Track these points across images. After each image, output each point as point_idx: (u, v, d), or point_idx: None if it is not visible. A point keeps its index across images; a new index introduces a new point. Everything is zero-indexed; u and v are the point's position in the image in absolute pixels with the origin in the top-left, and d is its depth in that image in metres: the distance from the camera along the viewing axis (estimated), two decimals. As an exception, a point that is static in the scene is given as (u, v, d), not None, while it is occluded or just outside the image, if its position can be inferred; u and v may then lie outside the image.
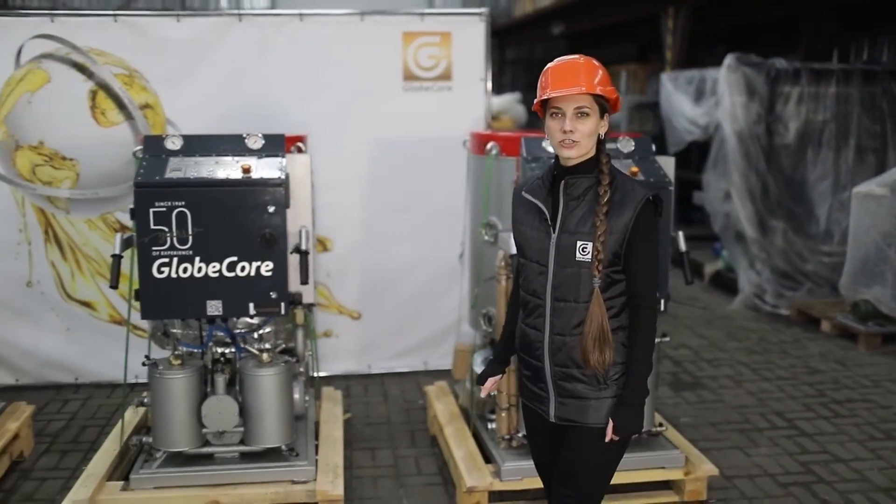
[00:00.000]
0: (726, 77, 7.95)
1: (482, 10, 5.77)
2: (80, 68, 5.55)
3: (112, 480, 4.08)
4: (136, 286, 3.96)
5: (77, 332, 5.84)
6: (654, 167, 3.94)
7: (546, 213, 2.73)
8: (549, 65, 2.74)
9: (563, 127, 2.62)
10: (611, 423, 2.72)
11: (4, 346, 5.69)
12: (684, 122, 8.91)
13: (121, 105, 5.59)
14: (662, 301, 3.95)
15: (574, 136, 2.62)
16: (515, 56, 20.06)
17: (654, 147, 4.13)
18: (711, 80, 8.42)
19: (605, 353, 2.66)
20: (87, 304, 5.83)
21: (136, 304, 3.97)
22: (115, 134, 5.60)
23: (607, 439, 2.73)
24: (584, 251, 2.65)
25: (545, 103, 2.70)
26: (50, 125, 5.57)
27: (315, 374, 4.96)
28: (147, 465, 4.04)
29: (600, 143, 2.72)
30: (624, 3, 11.76)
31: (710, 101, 8.39)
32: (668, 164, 4.04)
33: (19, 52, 5.52)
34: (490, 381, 3.06)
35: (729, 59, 7.95)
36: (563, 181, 2.71)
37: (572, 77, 2.64)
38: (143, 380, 4.65)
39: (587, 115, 2.63)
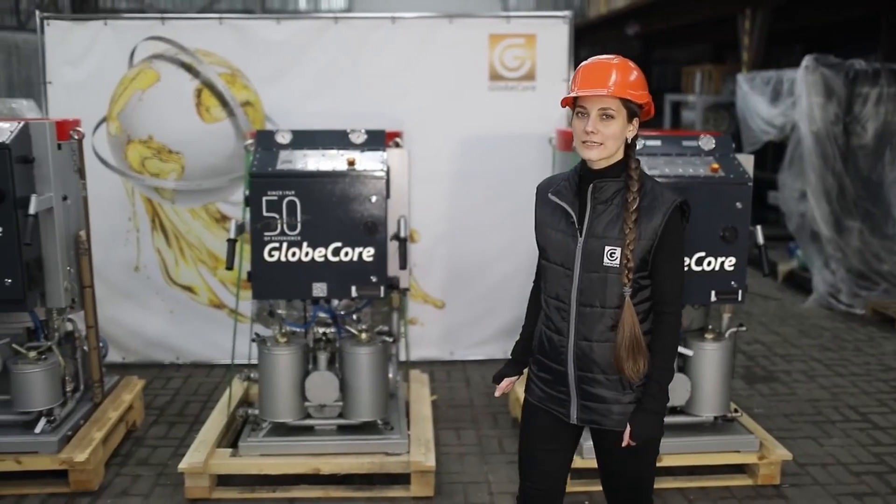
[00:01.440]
0: (804, 78, 8.02)
1: (566, 12, 6.00)
2: (187, 68, 5.95)
3: (221, 447, 4.44)
4: (232, 275, 4.27)
5: (179, 314, 6.24)
6: (733, 164, 4.13)
7: (573, 216, 2.69)
8: (583, 62, 2.71)
9: (586, 127, 2.59)
10: (628, 428, 2.70)
11: (113, 326, 6.11)
12: (760, 123, 8.99)
13: (224, 102, 5.97)
14: (740, 292, 4.13)
15: (596, 138, 2.57)
16: (588, 56, 20.13)
17: (734, 145, 4.31)
18: (788, 80, 8.49)
19: (640, 361, 2.64)
20: (188, 289, 6.23)
21: (234, 290, 4.30)
22: (217, 129, 5.98)
23: (624, 444, 2.72)
24: (612, 256, 2.62)
25: (575, 100, 2.65)
26: (158, 121, 5.97)
27: (406, 358, 5.26)
28: (254, 434, 4.38)
29: (629, 147, 2.67)
30: (699, 3, 11.83)
31: (787, 101, 8.46)
32: (747, 161, 4.22)
33: (132, 53, 5.94)
34: (506, 381, 3.05)
35: (807, 60, 8.02)
36: (591, 185, 2.68)
37: (601, 78, 2.59)
38: (242, 361, 5.04)
39: (612, 117, 2.58)
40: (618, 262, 2.61)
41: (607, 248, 2.62)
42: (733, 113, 10.36)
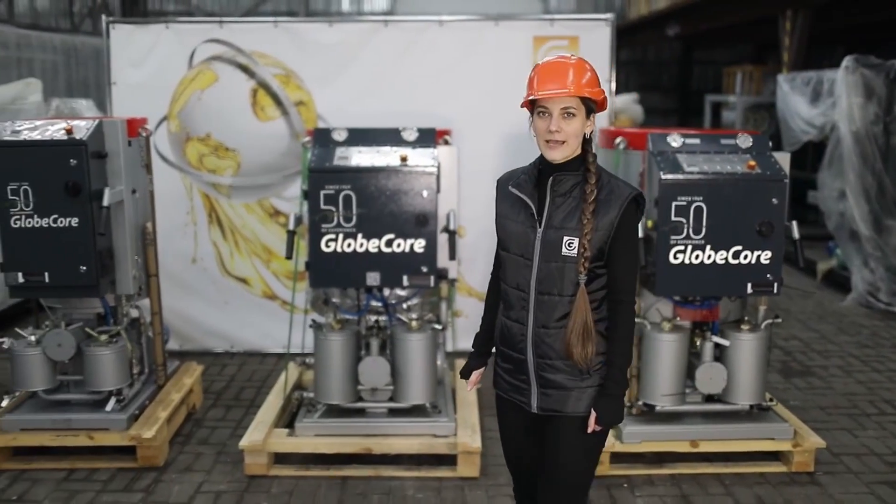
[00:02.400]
0: (844, 78, 8.10)
1: (608, 15, 6.18)
2: (244, 69, 6.23)
3: (278, 428, 4.69)
4: (285, 268, 4.53)
5: (233, 305, 6.53)
6: (770, 161, 4.28)
7: (533, 207, 2.77)
8: (538, 63, 2.78)
9: (550, 126, 2.66)
10: (593, 414, 2.79)
11: (171, 315, 6.39)
12: (800, 123, 9.08)
13: (278, 102, 6.24)
14: (775, 285, 4.29)
15: (559, 136, 2.65)
16: (629, 57, 20.24)
17: (771, 143, 4.46)
18: (829, 81, 8.57)
19: (588, 346, 2.72)
20: (243, 281, 6.52)
21: (286, 282, 4.56)
22: (272, 128, 6.26)
23: (590, 430, 2.80)
24: (570, 246, 2.70)
25: (533, 102, 2.73)
26: (216, 119, 6.27)
27: (453, 348, 5.48)
28: (309, 415, 4.63)
29: (587, 141, 2.76)
30: (740, 4, 11.89)
31: (827, 102, 8.54)
32: (783, 159, 4.37)
33: (192, 55, 6.24)
34: (475, 375, 3.14)
35: (847, 61, 8.11)
36: (550, 178, 2.76)
37: (559, 78, 2.66)
38: (294, 350, 5.30)
39: (573, 115, 2.66)
40: (575, 251, 2.70)
41: (565, 238, 2.71)
42: (774, 113, 10.45)
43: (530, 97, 2.70)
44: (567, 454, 2.88)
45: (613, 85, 6.15)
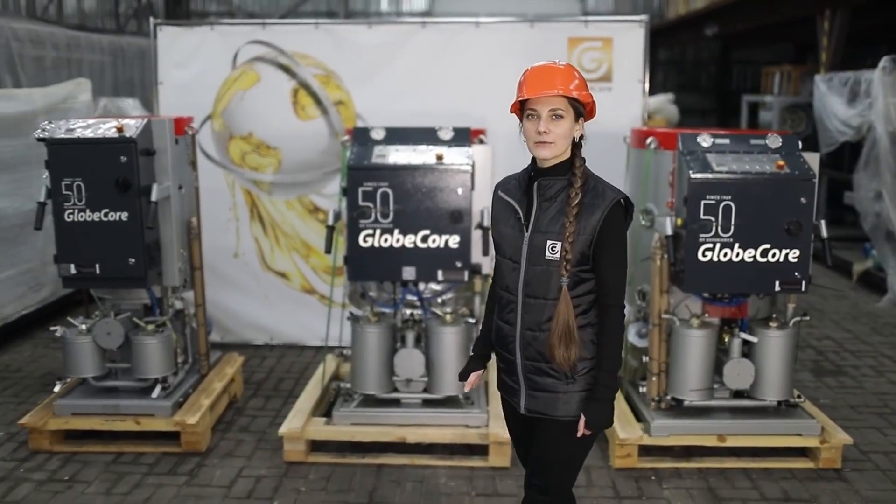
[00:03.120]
0: (881, 79, 8.09)
1: (642, 17, 6.27)
2: (285, 69, 6.41)
3: (316, 416, 4.86)
4: (324, 263, 4.69)
5: (273, 299, 6.71)
6: (798, 161, 4.36)
7: (520, 212, 2.83)
8: (527, 68, 2.83)
9: (538, 128, 2.71)
10: (582, 418, 2.81)
11: (213, 308, 6.58)
12: (837, 123, 9.07)
13: (318, 101, 6.41)
14: (803, 283, 4.36)
15: (548, 137, 2.69)
16: (667, 57, 20.22)
17: (800, 144, 4.52)
18: (866, 81, 8.55)
19: (571, 349, 2.73)
20: (282, 275, 6.70)
21: (325, 277, 4.71)
22: (312, 126, 6.43)
23: (579, 434, 2.81)
24: (553, 250, 2.73)
25: (522, 105, 2.78)
26: (258, 118, 6.46)
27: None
28: (345, 405, 4.79)
29: (575, 146, 2.80)
30: (778, 4, 11.87)
31: (864, 102, 8.53)
32: (813, 159, 4.43)
33: (235, 56, 6.43)
34: (473, 376, 3.16)
35: (884, 62, 8.09)
36: (537, 182, 2.81)
37: (548, 80, 2.72)
38: (332, 343, 5.46)
39: (562, 117, 2.71)
40: (558, 255, 2.72)
41: (549, 242, 2.74)
42: (811, 114, 10.43)
43: (520, 99, 2.75)
44: (553, 456, 2.92)
45: (647, 85, 6.23)
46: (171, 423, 4.76)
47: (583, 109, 2.78)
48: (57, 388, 4.94)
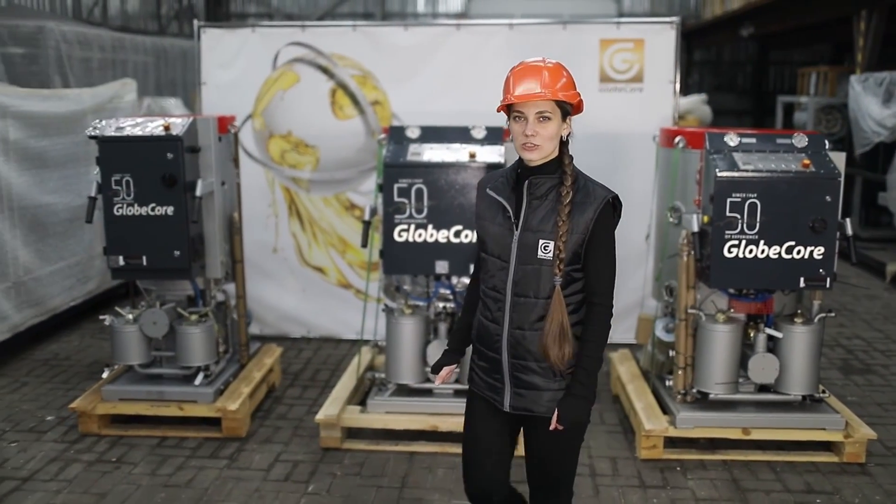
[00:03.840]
0: (916, 79, 8.11)
1: (673, 18, 6.37)
2: (324, 70, 6.60)
3: (351, 405, 5.03)
4: (359, 258, 4.86)
5: (310, 293, 6.91)
6: (824, 160, 4.44)
7: (510, 210, 2.80)
8: (512, 68, 2.81)
9: (526, 130, 2.69)
10: (556, 413, 2.80)
11: (252, 302, 6.78)
12: (872, 124, 9.08)
13: (355, 101, 6.59)
14: (828, 279, 4.44)
15: (535, 140, 2.68)
16: (703, 57, 20.17)
17: (827, 143, 4.61)
18: (901, 82, 8.57)
19: (565, 348, 2.74)
20: (319, 270, 6.89)
21: (361, 272, 4.88)
22: (349, 126, 6.62)
23: (551, 427, 2.81)
24: (545, 249, 2.72)
25: (509, 106, 2.75)
26: (297, 118, 6.66)
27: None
28: (380, 394, 4.96)
29: (563, 144, 2.78)
30: (813, 4, 11.85)
31: (899, 103, 8.54)
32: (839, 158, 4.51)
33: (276, 57, 6.64)
34: (445, 370, 3.17)
35: (919, 62, 8.11)
36: (527, 181, 2.79)
37: (534, 82, 2.70)
38: (367, 336, 5.63)
39: (549, 118, 2.69)
40: (551, 254, 2.72)
41: (541, 241, 2.73)
42: (846, 114, 10.42)
43: (506, 102, 2.73)
44: (547, 452, 2.95)
45: (677, 85, 6.33)
46: (213, 409, 4.96)
47: (570, 108, 2.77)
48: (105, 375, 5.17)
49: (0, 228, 6.03)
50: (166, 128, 4.77)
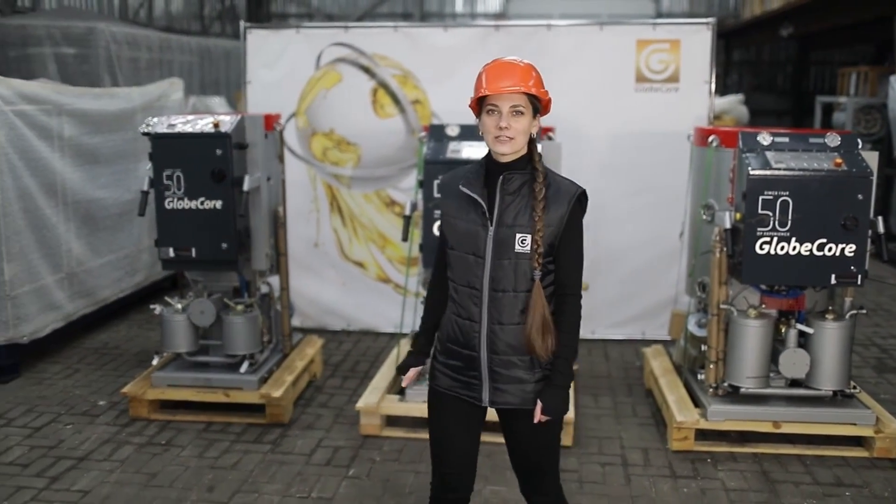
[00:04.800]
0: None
1: (709, 19, 6.45)
2: (365, 70, 6.78)
3: (390, 394, 5.20)
4: (399, 253, 5.01)
5: (350, 287, 7.09)
6: (857, 159, 4.51)
7: (484, 206, 2.82)
8: (485, 65, 2.88)
9: (500, 123, 2.75)
10: (539, 405, 2.85)
11: (294, 295, 6.98)
12: (910, 124, 9.05)
13: (396, 100, 6.76)
14: (859, 276, 4.51)
15: (509, 133, 2.74)
16: (742, 57, 20.11)
17: (860, 143, 4.67)
18: (940, 83, 8.54)
19: (549, 339, 2.79)
20: (359, 265, 7.07)
21: (400, 267, 5.03)
22: (390, 124, 6.79)
23: (536, 419, 2.86)
24: (523, 243, 2.77)
25: (481, 102, 2.81)
26: (339, 116, 6.85)
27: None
28: (418, 383, 5.06)
29: (531, 141, 2.84)
30: (855, 4, 11.81)
31: (938, 103, 8.52)
32: (871, 157, 4.58)
33: (319, 57, 6.83)
34: (412, 371, 3.19)
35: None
36: (500, 177, 2.83)
37: (509, 77, 2.77)
38: (406, 330, 5.79)
39: (522, 113, 2.76)
40: (529, 248, 2.77)
41: (518, 235, 2.78)
42: (885, 114, 10.38)
43: (480, 95, 2.79)
44: (531, 443, 2.98)
45: (713, 86, 6.41)
46: (257, 396, 5.16)
47: (539, 106, 2.84)
48: (154, 362, 5.39)
49: (55, 221, 6.27)
50: (216, 125, 4.98)
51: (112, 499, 4.28)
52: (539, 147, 2.90)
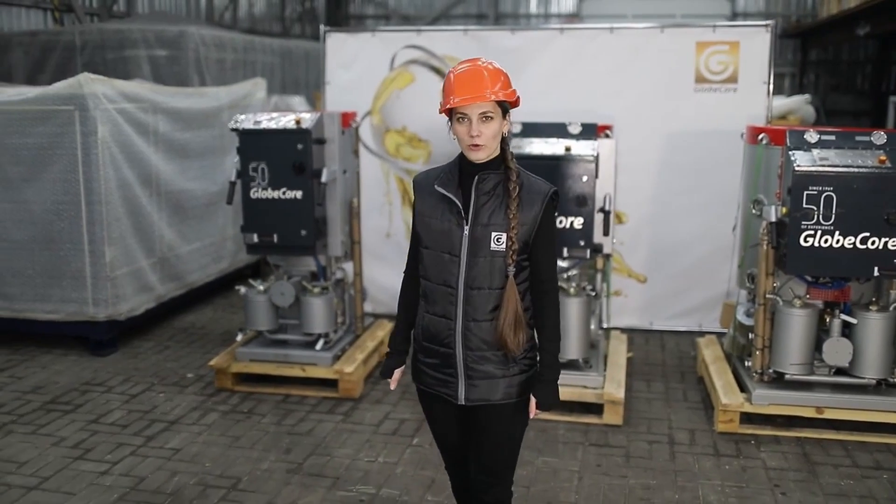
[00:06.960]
0: None
1: (769, 21, 6.66)
2: (436, 71, 7.17)
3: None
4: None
5: (419, 276, 7.47)
6: (901, 157, 4.71)
7: (459, 205, 2.85)
8: (451, 71, 2.86)
9: (471, 131, 2.75)
10: (533, 400, 2.95)
11: (367, 282, 7.41)
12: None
13: (465, 99, 7.12)
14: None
15: (480, 140, 2.75)
16: (818, 57, 19.87)
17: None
18: None
19: (520, 335, 2.84)
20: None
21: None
22: (458, 122, 7.15)
23: (532, 415, 2.96)
24: (498, 241, 2.80)
25: (452, 109, 2.80)
26: (411, 114, 7.26)
27: (608, 321, 6.17)
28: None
29: (503, 140, 2.87)
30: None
31: None
32: (918, 155, 4.77)
33: (393, 59, 7.25)
34: (396, 373, 3.23)
35: None
36: (475, 177, 2.85)
37: (475, 85, 2.75)
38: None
39: (491, 118, 2.77)
40: (504, 246, 2.81)
41: (494, 234, 2.81)
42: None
43: (448, 106, 2.79)
44: (495, 440, 3.02)
45: (771, 86, 6.61)
46: (331, 371, 5.60)
47: (509, 106, 2.85)
48: (238, 338, 5.89)
49: (150, 210, 6.83)
50: (297, 122, 5.43)
51: (200, 456, 4.76)
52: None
